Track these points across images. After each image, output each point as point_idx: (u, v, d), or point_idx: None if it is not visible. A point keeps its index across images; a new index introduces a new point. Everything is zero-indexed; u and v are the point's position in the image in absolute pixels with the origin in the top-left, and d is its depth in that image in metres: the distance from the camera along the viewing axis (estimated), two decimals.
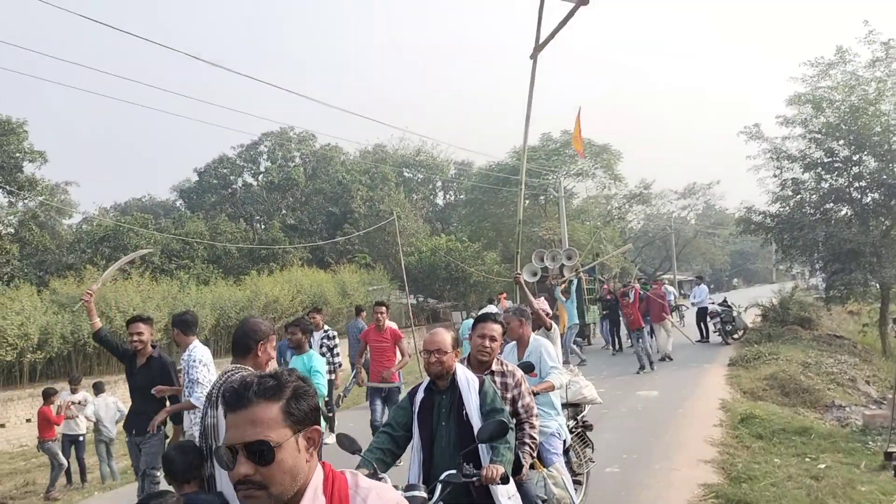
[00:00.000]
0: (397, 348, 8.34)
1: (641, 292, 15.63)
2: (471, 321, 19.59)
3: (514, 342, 5.56)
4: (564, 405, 5.73)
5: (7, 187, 24.35)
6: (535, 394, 4.87)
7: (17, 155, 24.51)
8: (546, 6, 6.97)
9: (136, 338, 6.06)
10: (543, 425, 5.05)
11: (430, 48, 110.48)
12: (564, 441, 5.38)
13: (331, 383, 9.09)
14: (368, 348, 8.59)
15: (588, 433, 6.33)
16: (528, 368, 5.08)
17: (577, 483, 5.62)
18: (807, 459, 7.59)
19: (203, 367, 5.56)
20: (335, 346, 9.46)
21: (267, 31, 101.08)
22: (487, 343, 4.17)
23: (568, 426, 5.57)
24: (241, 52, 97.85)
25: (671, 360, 15.93)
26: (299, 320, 7.21)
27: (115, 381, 15.77)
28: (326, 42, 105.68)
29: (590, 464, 6.20)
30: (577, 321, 16.85)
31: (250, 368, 3.54)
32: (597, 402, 6.50)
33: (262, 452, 1.50)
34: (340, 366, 9.91)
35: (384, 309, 8.60)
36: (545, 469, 5.06)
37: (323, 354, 8.86)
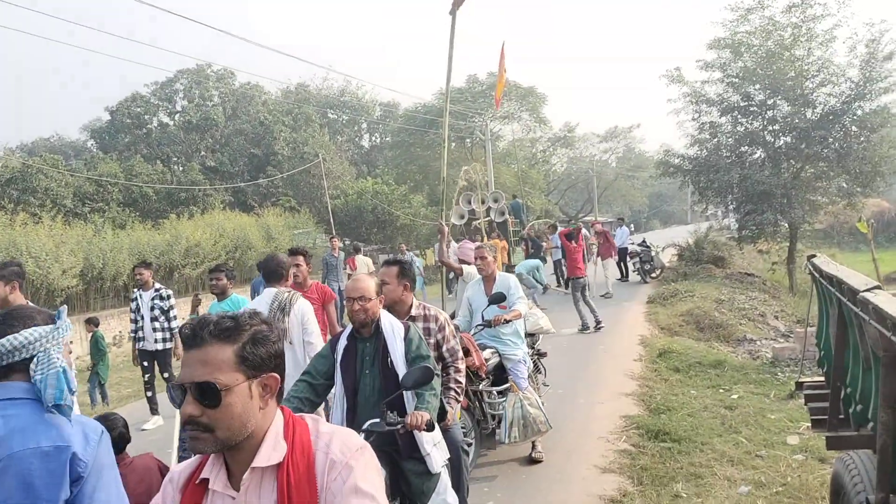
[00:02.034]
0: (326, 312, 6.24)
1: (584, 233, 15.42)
2: (421, 259, 19.47)
3: (480, 278, 5.93)
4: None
5: None
6: (507, 321, 5.50)
7: None
8: None
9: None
10: (512, 353, 5.74)
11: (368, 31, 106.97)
12: (528, 367, 5.93)
13: (166, 353, 7.93)
14: None
15: (541, 360, 6.89)
16: (500, 299, 5.48)
17: None
18: (721, 390, 8.01)
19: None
20: (170, 307, 7.94)
21: None
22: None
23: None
24: (168, 21, 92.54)
25: (611, 296, 16.54)
26: (222, 265, 6.99)
27: None
28: (261, 20, 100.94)
29: (544, 388, 6.81)
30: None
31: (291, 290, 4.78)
32: (551, 331, 7.08)
33: (209, 394, 1.46)
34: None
35: (302, 258, 6.21)
36: (521, 392, 5.64)
37: (155, 319, 7.80)
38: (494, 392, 5.72)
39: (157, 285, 8.02)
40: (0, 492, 1.81)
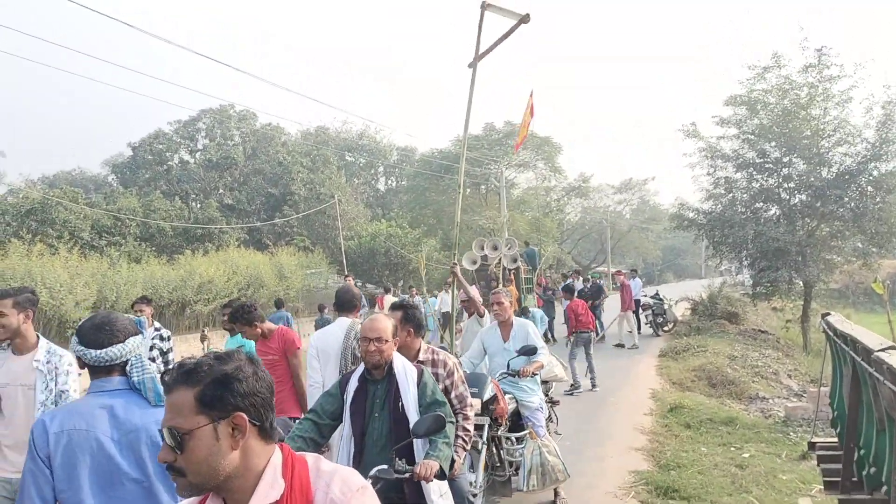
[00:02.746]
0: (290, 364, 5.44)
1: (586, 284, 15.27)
2: (435, 299, 19.59)
3: (497, 322, 5.90)
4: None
5: None
6: (533, 374, 5.54)
7: None
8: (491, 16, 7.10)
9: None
10: (529, 400, 5.74)
11: (375, 31, 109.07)
12: (545, 414, 5.97)
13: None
14: None
15: (554, 409, 6.91)
16: (531, 352, 5.48)
17: None
18: (732, 448, 7.87)
19: (77, 375, 3.83)
20: (170, 349, 7.18)
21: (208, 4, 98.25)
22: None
23: None
24: (181, 22, 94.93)
25: (637, 348, 16.53)
26: (235, 301, 7.06)
27: None
28: (271, 20, 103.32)
29: (556, 436, 6.70)
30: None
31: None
32: (564, 379, 7.15)
33: (174, 439, 1.48)
34: None
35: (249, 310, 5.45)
36: (539, 439, 5.62)
37: (152, 360, 6.85)
38: (513, 438, 5.69)
39: (157, 324, 7.38)
40: (134, 451, 2.38)
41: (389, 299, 14.99)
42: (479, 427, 4.81)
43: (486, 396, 5.10)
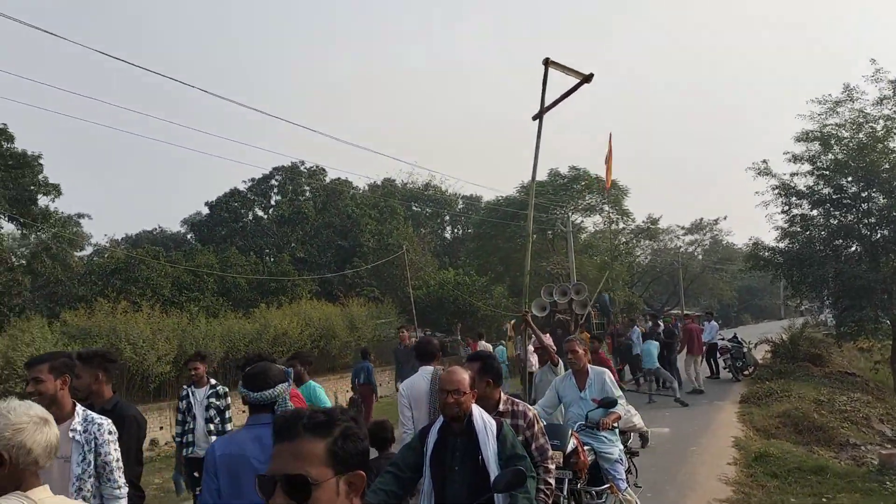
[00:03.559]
0: None
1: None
2: (503, 348, 19.83)
3: (571, 371, 5.81)
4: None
5: (21, 220, 24.57)
6: (613, 427, 5.42)
7: (32, 188, 24.75)
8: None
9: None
10: (608, 452, 5.56)
11: (441, 81, 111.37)
12: (624, 466, 5.81)
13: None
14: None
15: (633, 460, 6.70)
16: (610, 404, 5.37)
17: None
18: (823, 499, 7.53)
19: (116, 442, 3.59)
20: (226, 406, 6.85)
21: (278, 67, 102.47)
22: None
23: None
24: (251, 85, 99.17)
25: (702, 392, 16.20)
26: (299, 353, 7.21)
27: None
28: (339, 78, 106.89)
29: (636, 489, 6.52)
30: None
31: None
32: (643, 429, 7.04)
33: (300, 488, 1.45)
34: None
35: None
36: (620, 493, 5.48)
37: (210, 420, 6.67)
38: (593, 492, 5.51)
39: (212, 381, 7.03)
40: None
41: (483, 346, 15.42)
42: (559, 481, 4.74)
43: (569, 449, 5.03)
